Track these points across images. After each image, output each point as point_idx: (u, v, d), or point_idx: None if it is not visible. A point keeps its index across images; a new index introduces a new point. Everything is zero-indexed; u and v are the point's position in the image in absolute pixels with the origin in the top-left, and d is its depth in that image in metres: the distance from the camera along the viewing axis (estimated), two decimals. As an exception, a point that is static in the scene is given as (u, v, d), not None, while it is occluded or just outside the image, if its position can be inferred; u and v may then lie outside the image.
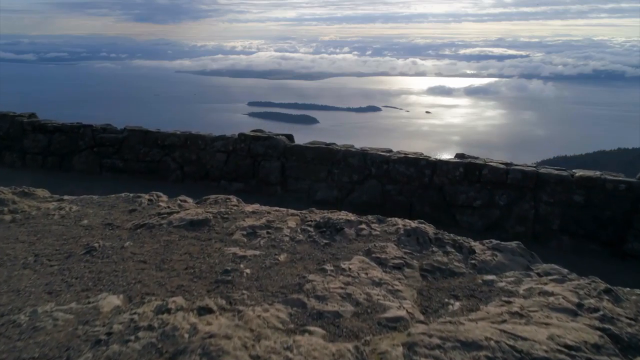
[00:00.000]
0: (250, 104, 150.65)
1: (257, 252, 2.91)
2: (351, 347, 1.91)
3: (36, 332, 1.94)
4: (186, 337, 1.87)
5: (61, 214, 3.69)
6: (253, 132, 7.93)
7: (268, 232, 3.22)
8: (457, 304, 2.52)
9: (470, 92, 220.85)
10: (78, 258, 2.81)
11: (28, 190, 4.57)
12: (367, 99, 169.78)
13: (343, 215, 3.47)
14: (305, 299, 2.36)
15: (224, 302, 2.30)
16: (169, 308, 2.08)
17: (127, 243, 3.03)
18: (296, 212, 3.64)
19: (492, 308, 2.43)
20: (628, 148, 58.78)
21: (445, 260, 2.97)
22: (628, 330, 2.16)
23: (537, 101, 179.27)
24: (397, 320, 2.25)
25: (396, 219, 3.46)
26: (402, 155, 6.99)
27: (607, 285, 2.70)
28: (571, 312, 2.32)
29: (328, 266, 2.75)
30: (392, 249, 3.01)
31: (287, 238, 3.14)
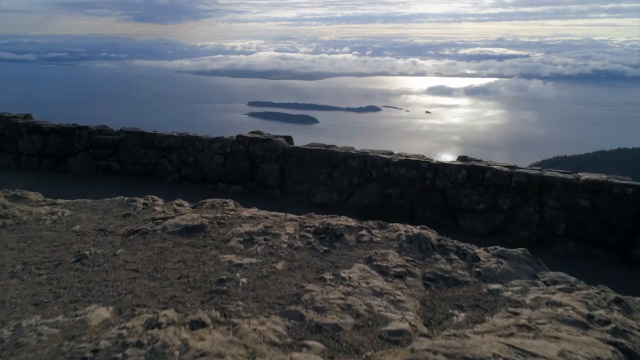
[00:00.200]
0: (250, 104, 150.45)
1: (254, 260, 2.81)
2: (351, 365, 1.81)
3: (19, 349, 1.83)
4: (176, 355, 1.77)
5: (53, 219, 3.59)
6: (251, 134, 7.80)
7: (265, 239, 3.11)
8: (462, 315, 2.42)
9: (470, 92, 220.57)
10: (68, 266, 2.71)
11: (21, 193, 4.47)
12: (367, 99, 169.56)
13: (343, 220, 3.37)
14: (303, 311, 2.26)
15: (218, 315, 2.20)
16: (160, 322, 1.97)
17: (120, 250, 2.93)
18: (295, 217, 3.54)
19: (499, 320, 2.33)
20: (628, 148, 58.62)
21: (448, 268, 2.87)
22: (642, 345, 2.06)
23: (537, 101, 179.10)
24: (400, 333, 2.15)
25: (398, 225, 3.36)
26: (404, 157, 6.85)
27: (617, 295, 2.60)
28: (581, 325, 2.22)
29: (327, 275, 2.65)
30: (394, 257, 2.91)
31: (285, 245, 3.04)
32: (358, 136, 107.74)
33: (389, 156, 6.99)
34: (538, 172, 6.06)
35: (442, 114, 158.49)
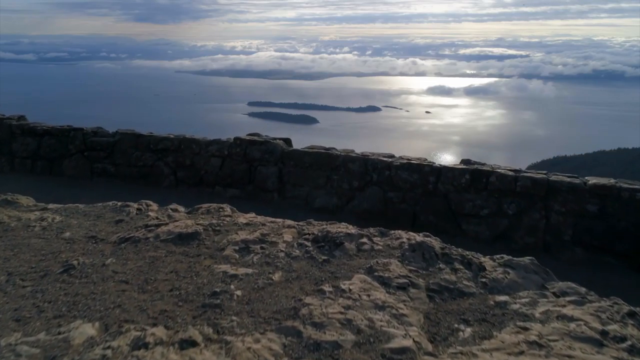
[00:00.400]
0: (250, 104, 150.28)
1: (250, 271, 2.69)
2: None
3: (-6, 372, 1.71)
4: (163, 380, 1.65)
5: (42, 226, 3.47)
6: (249, 136, 7.63)
7: (262, 247, 2.99)
8: (468, 330, 2.30)
9: (470, 92, 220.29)
10: (54, 277, 2.58)
11: (11, 198, 4.35)
12: (367, 99, 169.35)
13: (343, 227, 3.24)
14: (301, 327, 2.14)
15: (211, 331, 2.08)
16: (147, 342, 1.85)
17: (110, 260, 2.81)
18: (293, 224, 3.42)
19: (507, 336, 2.21)
20: (628, 148, 58.45)
21: (453, 278, 2.75)
22: (662, 365, 1.93)
23: (537, 101, 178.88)
24: (403, 351, 2.03)
25: (400, 232, 3.23)
26: (405, 160, 6.68)
27: (631, 307, 2.48)
28: (596, 342, 2.10)
29: (326, 287, 2.52)
30: (396, 266, 2.78)
31: (283, 254, 2.91)
32: (358, 136, 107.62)
33: (390, 159, 6.82)
34: (544, 176, 5.88)
35: (442, 114, 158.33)
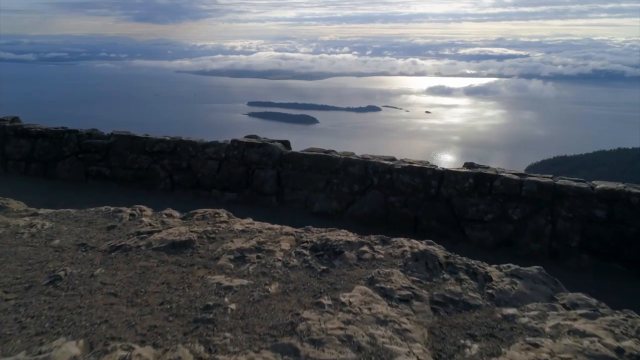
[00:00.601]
0: (250, 104, 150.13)
1: (245, 282, 2.57)
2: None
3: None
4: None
5: (31, 232, 3.34)
6: (247, 138, 7.47)
7: (258, 257, 2.87)
8: (475, 347, 2.17)
9: (470, 92, 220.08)
10: (39, 289, 2.46)
11: (1, 202, 4.23)
12: (367, 99, 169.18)
13: (343, 235, 3.12)
14: (298, 344, 2.01)
15: (202, 349, 1.95)
16: (132, 364, 1.73)
17: (99, 270, 2.68)
18: (291, 231, 3.30)
19: (517, 353, 2.09)
20: (628, 148, 58.33)
21: (458, 289, 2.63)
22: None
23: (537, 101, 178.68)
24: (407, 371, 1.91)
25: (402, 240, 3.11)
26: (407, 164, 6.50)
27: (646, 321, 2.35)
28: (612, 362, 1.98)
29: (325, 299, 2.40)
30: (399, 277, 2.66)
31: (280, 263, 2.79)
32: (358, 136, 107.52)
33: (391, 162, 6.65)
34: (550, 181, 5.73)
35: (442, 114, 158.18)
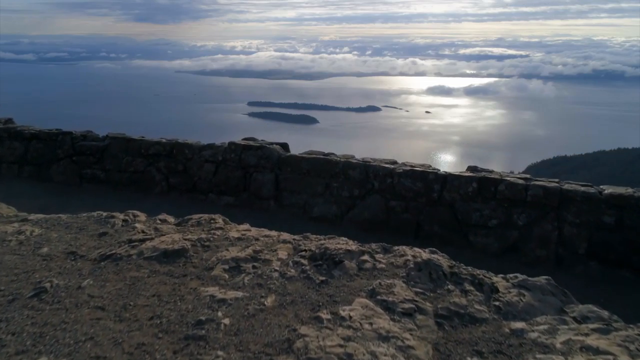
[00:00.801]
0: (250, 104, 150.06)
1: (240, 294, 2.44)
2: None
3: None
4: None
5: (19, 240, 3.22)
6: (244, 141, 7.34)
7: (254, 267, 2.74)
8: (483, 365, 2.05)
9: (470, 92, 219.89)
10: (23, 303, 2.34)
11: (-9, 207, 4.11)
12: (367, 99, 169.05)
13: (342, 243, 3.00)
14: (295, 364, 1.89)
15: (193, 370, 1.83)
16: (115, 390, 1.60)
17: (87, 281, 2.56)
18: (288, 239, 3.18)
19: (527, 372, 1.97)
20: (628, 148, 58.23)
21: (464, 302, 2.50)
22: None
23: (537, 101, 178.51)
24: (411, 394, 1.79)
25: (404, 248, 2.99)
26: (408, 167, 6.34)
27: (661, 336, 2.23)
28: (629, 383, 1.86)
29: (324, 314, 2.28)
30: (401, 289, 2.54)
31: (277, 274, 2.67)
32: (358, 136, 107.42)
33: (393, 166, 6.49)
34: (557, 185, 5.58)
35: (442, 114, 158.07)
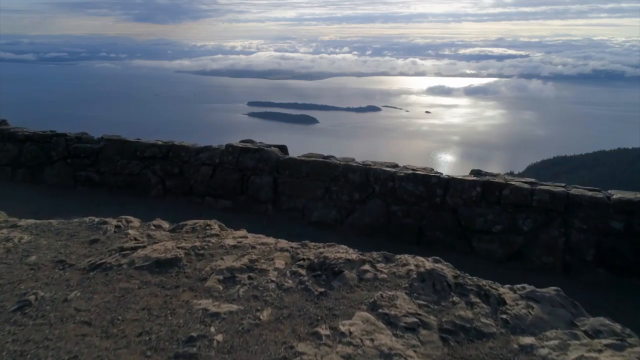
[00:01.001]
0: (250, 104, 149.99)
1: (234, 307, 2.32)
2: None
3: None
4: None
5: (7, 247, 3.10)
6: (242, 143, 7.19)
7: (250, 277, 2.63)
8: (491, 385, 1.94)
9: (469, 92, 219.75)
10: (5, 317, 2.22)
11: (-20, 212, 4.00)
12: (367, 99, 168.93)
13: (342, 252, 2.88)
14: (291, 386, 1.78)
15: (182, 393, 1.72)
16: (96, 419, 1.49)
17: (74, 293, 2.44)
18: (286, 247, 3.06)
19: (539, 394, 1.85)
20: (628, 148, 58.15)
21: (469, 315, 2.38)
22: None
23: (537, 101, 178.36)
24: (415, 419, 1.67)
25: (407, 257, 2.87)
26: (410, 171, 6.19)
27: (678, 353, 2.12)
28: (649, 407, 1.74)
29: (323, 329, 2.16)
30: (403, 301, 2.42)
31: (273, 285, 2.55)
32: (358, 136, 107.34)
33: (394, 169, 6.34)
34: (563, 190, 5.43)
35: (442, 114, 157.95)
